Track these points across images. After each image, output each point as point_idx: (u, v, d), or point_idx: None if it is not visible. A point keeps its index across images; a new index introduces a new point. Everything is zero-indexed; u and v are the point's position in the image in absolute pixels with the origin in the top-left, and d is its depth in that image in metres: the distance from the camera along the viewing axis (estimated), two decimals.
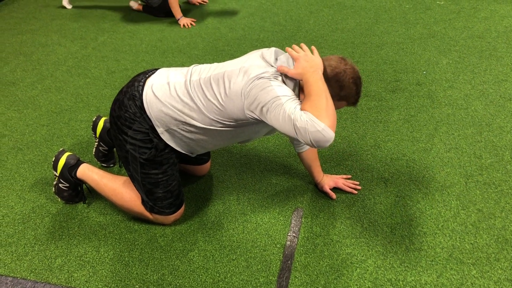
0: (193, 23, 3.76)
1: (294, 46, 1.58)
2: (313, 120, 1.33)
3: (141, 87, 1.64)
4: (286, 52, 1.58)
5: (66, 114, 2.56)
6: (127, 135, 1.63)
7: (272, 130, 1.72)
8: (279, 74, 1.50)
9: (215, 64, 1.66)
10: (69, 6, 4.21)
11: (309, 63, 1.49)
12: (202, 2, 4.12)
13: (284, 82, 1.51)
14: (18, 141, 2.34)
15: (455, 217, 1.81)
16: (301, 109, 1.39)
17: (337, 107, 1.58)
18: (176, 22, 3.79)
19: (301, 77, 1.49)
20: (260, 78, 1.46)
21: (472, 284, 1.54)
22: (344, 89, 1.53)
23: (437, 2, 3.90)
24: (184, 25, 3.72)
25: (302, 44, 1.60)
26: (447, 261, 1.63)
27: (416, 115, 2.44)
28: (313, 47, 1.59)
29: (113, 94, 2.69)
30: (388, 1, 3.98)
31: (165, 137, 1.63)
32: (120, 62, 3.15)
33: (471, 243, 1.69)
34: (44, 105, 2.66)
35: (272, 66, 1.52)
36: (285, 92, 1.43)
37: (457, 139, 2.23)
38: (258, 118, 1.49)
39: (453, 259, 1.63)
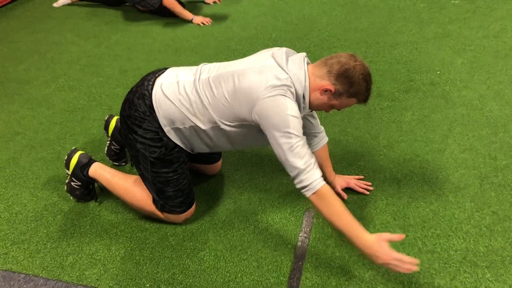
0: (208, 21, 3.75)
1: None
2: (309, 187, 1.48)
3: (150, 86, 1.64)
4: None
5: (79, 113, 2.58)
6: (137, 134, 1.64)
7: None
8: (291, 81, 1.49)
9: (225, 62, 1.66)
10: (56, 5, 4.26)
11: (378, 254, 1.41)
12: (217, 1, 4.10)
13: (295, 87, 1.50)
14: (32, 139, 2.36)
15: (469, 219, 1.78)
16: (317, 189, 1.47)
17: (347, 104, 1.59)
18: (187, 21, 3.79)
19: (365, 250, 1.43)
20: (276, 90, 1.46)
21: (486, 287, 1.52)
22: (354, 85, 1.51)
23: (452, 1, 3.85)
24: (201, 23, 3.72)
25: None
26: (460, 263, 1.60)
27: (430, 115, 2.41)
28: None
29: (126, 93, 2.69)
30: (402, 0, 3.94)
31: (171, 136, 1.63)
32: (133, 61, 3.16)
33: (486, 246, 1.66)
34: (57, 103, 2.69)
35: (284, 70, 1.51)
36: (296, 124, 1.46)
37: (472, 140, 2.20)
38: (260, 126, 1.51)
39: (467, 262, 1.61)
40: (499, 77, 2.71)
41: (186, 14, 3.76)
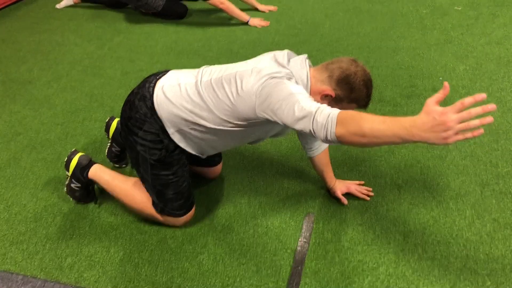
0: (266, 23, 3.73)
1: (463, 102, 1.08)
2: (324, 115, 1.27)
3: (151, 88, 1.64)
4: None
5: (80, 114, 2.58)
6: (138, 136, 1.63)
7: (281, 131, 1.71)
8: (292, 75, 1.49)
9: (226, 65, 1.66)
10: (59, 6, 4.27)
11: (432, 133, 1.10)
12: (272, 9, 4.07)
13: (296, 83, 1.49)
14: (33, 140, 2.36)
15: (469, 226, 1.77)
16: (339, 112, 1.28)
17: (348, 110, 1.57)
18: (190, 24, 3.80)
19: (405, 132, 1.14)
20: (274, 77, 1.45)
21: None
22: (355, 91, 1.51)
23: (455, 8, 3.85)
24: (258, 25, 3.70)
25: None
26: (461, 271, 1.59)
27: None
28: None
29: (127, 95, 2.70)
30: (404, 6, 3.94)
31: (176, 138, 1.63)
32: (135, 63, 3.16)
33: (486, 254, 1.65)
34: (59, 104, 2.69)
35: (285, 67, 1.50)
36: (300, 90, 1.41)
37: (473, 146, 2.19)
38: (269, 117, 1.45)
39: (467, 269, 1.60)
40: (501, 84, 2.71)
41: (241, 15, 3.75)
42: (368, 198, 1.91)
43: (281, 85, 1.42)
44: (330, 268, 1.62)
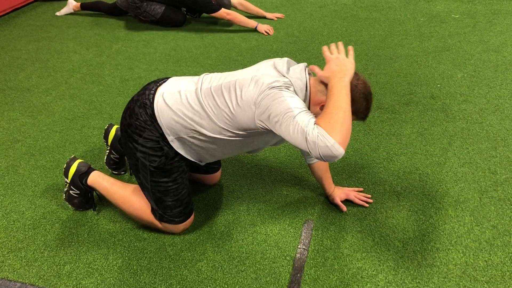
0: (272, 30, 3.76)
1: (332, 45, 1.57)
2: (323, 136, 1.31)
3: (152, 95, 1.64)
4: (323, 52, 1.57)
5: (79, 121, 2.58)
6: (138, 143, 1.63)
7: (281, 140, 1.71)
8: (291, 83, 1.49)
9: (226, 73, 1.66)
10: (59, 14, 4.29)
11: (339, 67, 1.48)
12: (280, 17, 4.09)
13: (295, 92, 1.50)
14: (31, 147, 2.36)
15: (468, 233, 1.77)
16: (316, 122, 1.37)
17: None
18: (189, 31, 3.81)
19: (327, 80, 1.46)
20: (272, 87, 1.45)
21: None
22: (354, 104, 1.51)
23: (452, 16, 3.88)
24: (265, 32, 3.73)
25: (340, 43, 1.57)
26: (460, 278, 1.59)
27: (430, 128, 2.41)
28: (350, 48, 1.57)
29: (126, 102, 2.70)
30: (402, 14, 3.97)
31: (175, 145, 1.63)
32: (134, 70, 3.17)
33: (485, 261, 1.65)
34: (57, 111, 2.69)
35: (284, 76, 1.51)
36: (297, 103, 1.41)
37: (472, 153, 2.20)
38: (268, 128, 1.48)
39: (467, 276, 1.60)
40: (499, 91, 2.72)
41: (248, 22, 3.77)
42: (367, 205, 1.91)
43: (280, 97, 1.42)
44: (329, 276, 1.62)
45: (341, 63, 1.49)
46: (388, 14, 3.99)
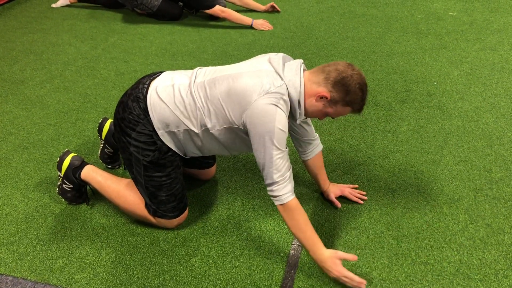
0: (269, 26, 3.73)
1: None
2: (278, 198, 1.53)
3: (145, 89, 1.63)
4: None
5: (73, 114, 2.56)
6: (131, 137, 1.62)
7: None
8: (287, 90, 1.49)
9: (221, 66, 1.65)
10: (55, 6, 4.26)
11: (327, 267, 1.53)
12: (276, 10, 4.06)
13: (290, 98, 1.51)
14: (25, 140, 2.34)
15: (463, 231, 1.77)
16: (284, 203, 1.52)
17: (342, 113, 1.58)
18: (185, 25, 3.79)
19: (311, 254, 1.55)
20: (269, 98, 1.46)
21: None
22: (350, 94, 1.51)
23: (450, 13, 3.87)
24: (261, 28, 3.70)
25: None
26: (454, 276, 1.59)
27: (426, 126, 2.41)
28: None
29: (121, 96, 2.68)
30: (399, 11, 3.96)
31: (166, 139, 1.62)
32: (130, 64, 3.15)
33: (479, 259, 1.65)
34: (52, 104, 2.67)
35: (279, 75, 1.50)
36: (281, 137, 1.47)
37: (467, 151, 2.20)
38: (247, 130, 1.52)
39: (460, 274, 1.60)
40: (495, 89, 2.72)
41: (243, 19, 3.75)
42: (361, 202, 1.91)
43: (270, 121, 1.45)
44: (323, 272, 1.61)
45: (328, 269, 1.53)
46: (385, 10, 3.98)
